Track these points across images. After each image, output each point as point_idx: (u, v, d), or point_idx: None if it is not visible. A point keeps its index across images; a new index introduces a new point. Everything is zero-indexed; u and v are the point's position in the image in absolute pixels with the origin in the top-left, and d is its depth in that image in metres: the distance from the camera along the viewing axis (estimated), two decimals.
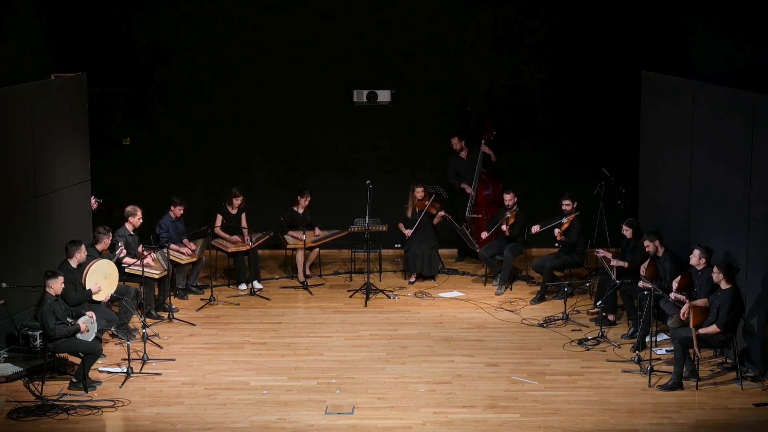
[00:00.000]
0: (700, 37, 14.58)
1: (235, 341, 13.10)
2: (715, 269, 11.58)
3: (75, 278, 12.10)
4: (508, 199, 14.88)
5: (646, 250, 12.74)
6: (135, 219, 13.72)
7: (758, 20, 12.98)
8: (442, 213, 15.26)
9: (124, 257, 13.34)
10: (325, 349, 12.84)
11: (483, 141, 15.80)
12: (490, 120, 15.93)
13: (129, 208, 13.76)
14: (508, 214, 14.84)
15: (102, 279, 12.36)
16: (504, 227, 14.84)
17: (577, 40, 16.05)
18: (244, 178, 16.21)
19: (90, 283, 12.21)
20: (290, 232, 15.33)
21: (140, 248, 13.53)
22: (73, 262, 12.25)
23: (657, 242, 12.74)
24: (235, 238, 15.10)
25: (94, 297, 12.26)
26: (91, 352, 11.64)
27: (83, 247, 12.34)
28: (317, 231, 15.41)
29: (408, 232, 15.23)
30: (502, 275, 14.88)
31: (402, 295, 14.80)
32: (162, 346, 12.88)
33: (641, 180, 14.57)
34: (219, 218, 15.18)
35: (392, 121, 16.45)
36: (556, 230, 14.29)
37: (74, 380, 11.61)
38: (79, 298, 12.00)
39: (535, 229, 14.56)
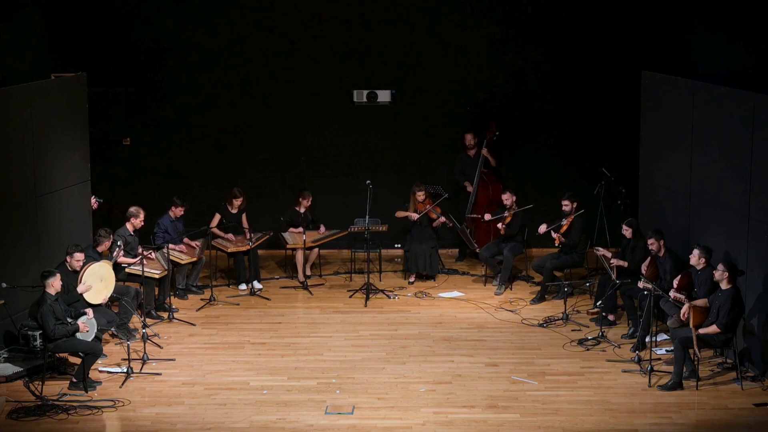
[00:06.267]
0: (700, 37, 14.59)
1: (235, 341, 13.09)
2: (720, 266, 11.55)
3: (68, 281, 12.04)
4: (506, 198, 14.88)
5: (650, 248, 12.73)
6: (137, 221, 13.70)
7: (758, 20, 12.99)
8: (442, 219, 15.25)
9: (122, 256, 13.33)
10: (325, 349, 12.84)
11: (485, 141, 15.80)
12: (494, 120, 15.92)
13: (132, 209, 13.73)
14: (506, 214, 14.84)
15: (98, 282, 12.31)
16: (500, 225, 14.83)
17: (578, 40, 16.05)
18: (244, 177, 16.21)
19: (82, 286, 12.17)
20: (289, 229, 15.32)
21: (140, 249, 13.51)
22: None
23: (662, 242, 12.74)
24: (230, 236, 15.08)
25: (92, 300, 12.19)
26: (92, 352, 11.64)
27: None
28: (322, 229, 15.39)
29: (415, 216, 15.16)
30: (502, 275, 14.87)
31: (402, 295, 14.80)
32: (162, 346, 12.88)
33: (641, 180, 14.56)
34: (217, 217, 15.16)
35: (392, 121, 16.44)
36: (555, 234, 14.28)
37: (74, 380, 11.60)
38: (69, 300, 11.96)
39: (542, 228, 14.51)
